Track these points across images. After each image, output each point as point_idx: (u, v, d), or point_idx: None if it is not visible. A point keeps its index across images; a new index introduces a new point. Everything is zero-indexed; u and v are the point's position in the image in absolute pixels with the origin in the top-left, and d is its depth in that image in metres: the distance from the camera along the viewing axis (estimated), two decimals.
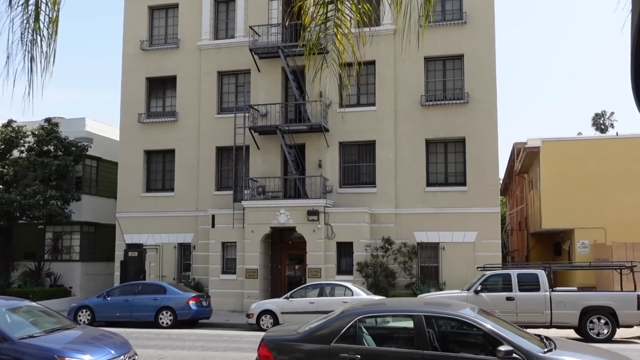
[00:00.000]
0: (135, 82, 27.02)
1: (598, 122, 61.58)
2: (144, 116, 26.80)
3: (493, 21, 23.73)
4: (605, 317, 16.05)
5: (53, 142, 26.37)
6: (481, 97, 23.39)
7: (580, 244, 24.83)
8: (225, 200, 24.91)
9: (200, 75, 26.36)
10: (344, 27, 5.37)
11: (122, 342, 9.91)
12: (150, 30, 27.44)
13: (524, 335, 7.29)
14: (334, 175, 24.40)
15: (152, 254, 25.55)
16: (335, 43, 5.45)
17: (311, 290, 19.07)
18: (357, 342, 7.23)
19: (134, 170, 26.67)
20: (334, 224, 22.92)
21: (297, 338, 7.51)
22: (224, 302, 23.54)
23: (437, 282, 22.83)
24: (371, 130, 24.22)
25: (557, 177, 25.11)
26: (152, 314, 19.52)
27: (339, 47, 5.44)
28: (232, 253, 24.19)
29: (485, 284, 17.06)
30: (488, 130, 23.23)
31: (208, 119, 26.04)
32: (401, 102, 24.12)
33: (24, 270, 27.21)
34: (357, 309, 7.75)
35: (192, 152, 26.11)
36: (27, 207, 24.56)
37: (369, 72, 24.61)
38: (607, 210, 24.15)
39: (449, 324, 7.60)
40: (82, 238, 28.56)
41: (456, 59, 24.03)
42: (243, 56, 25.56)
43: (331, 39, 5.47)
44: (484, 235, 22.73)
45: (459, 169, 23.75)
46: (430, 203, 23.48)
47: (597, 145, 26.16)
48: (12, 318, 9.59)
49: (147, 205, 26.37)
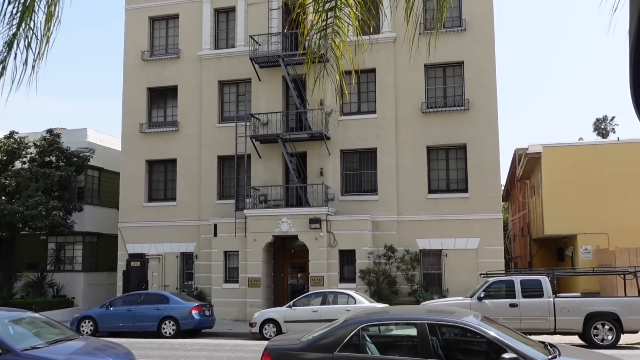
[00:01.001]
0: (136, 92, 27.10)
1: (599, 127, 61.55)
2: (145, 126, 26.87)
3: (492, 28, 23.79)
4: (610, 323, 15.98)
5: (55, 152, 26.43)
6: (481, 103, 23.42)
7: (583, 249, 24.77)
8: (227, 209, 24.91)
9: (201, 84, 26.44)
10: (342, 34, 5.39)
11: (125, 353, 9.89)
12: (151, 40, 27.55)
13: (527, 342, 7.27)
14: (336, 183, 24.41)
15: (155, 264, 25.53)
16: (333, 50, 5.47)
17: (314, 298, 19.03)
18: (361, 350, 7.21)
19: (135, 180, 26.70)
20: (336, 232, 22.90)
21: (300, 347, 7.50)
22: (227, 311, 23.49)
23: (440, 289, 22.77)
24: (372, 138, 24.24)
25: (559, 183, 25.09)
26: (155, 324, 19.48)
27: (337, 53, 5.47)
28: (235, 262, 24.17)
29: (488, 291, 17.01)
30: (489, 136, 23.24)
31: (209, 129, 26.09)
32: (402, 109, 24.15)
33: (27, 281, 27.20)
34: (360, 318, 7.74)
35: (194, 162, 26.15)
36: (29, 217, 24.58)
37: (369, 79, 24.68)
38: (609, 216, 24.09)
39: (453, 332, 7.58)
40: (84, 248, 28.56)
41: (456, 65, 24.08)
42: (243, 65, 25.63)
43: (330, 47, 5.49)
44: (487, 242, 22.69)
45: (461, 176, 23.74)
46: (432, 210, 23.46)
47: (598, 151, 26.14)
48: (14, 329, 9.58)
49: (149, 215, 26.39)
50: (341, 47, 5.45)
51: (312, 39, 5.44)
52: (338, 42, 5.43)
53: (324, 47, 5.43)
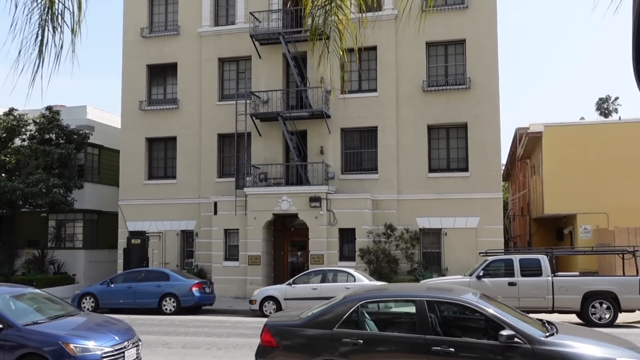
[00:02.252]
0: (136, 70, 26.95)
1: (602, 107, 61.22)
2: (145, 104, 26.77)
3: (495, 5, 23.56)
4: (607, 302, 16.09)
5: (55, 130, 26.37)
6: (483, 82, 23.29)
7: (582, 229, 24.83)
8: (227, 187, 24.94)
9: (200, 62, 26.28)
10: (344, 8, 5.33)
11: (126, 329, 9.97)
12: (150, 17, 27.31)
13: (525, 319, 7.32)
14: (336, 161, 24.38)
15: (155, 241, 25.63)
16: (336, 25, 5.40)
17: (314, 276, 19.13)
18: (360, 327, 7.26)
19: (135, 157, 26.68)
20: (336, 211, 22.94)
21: (299, 323, 7.55)
22: (227, 289, 23.64)
23: (440, 268, 22.88)
24: (373, 116, 24.16)
25: (559, 162, 25.07)
26: (156, 301, 19.62)
27: (340, 27, 5.40)
28: (235, 240, 24.26)
29: (487, 270, 17.10)
30: (490, 115, 23.16)
31: (209, 106, 26.00)
32: (403, 87, 24.03)
33: (28, 258, 27.34)
34: (359, 295, 7.78)
35: (194, 140, 26.10)
36: (30, 195, 24.61)
37: (370, 57, 24.51)
38: (609, 195, 24.13)
39: (451, 309, 7.63)
40: (85, 226, 28.65)
41: (458, 44, 23.90)
42: (244, 43, 25.45)
43: (332, 23, 5.43)
44: (486, 221, 22.74)
45: (461, 155, 23.71)
46: (432, 189, 23.47)
47: (599, 130, 26.06)
48: (16, 305, 9.65)
49: (149, 193, 26.42)
50: (344, 22, 5.39)
51: (315, 15, 5.36)
52: (341, 18, 5.36)
53: (329, 23, 5.36)
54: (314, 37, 5.40)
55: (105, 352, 8.85)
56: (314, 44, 5.45)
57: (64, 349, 8.56)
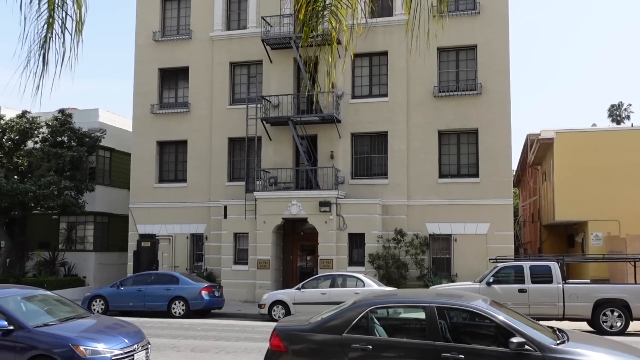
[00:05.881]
0: (148, 73, 27.11)
1: (614, 114, 60.75)
2: (157, 107, 26.91)
3: (507, 11, 23.51)
4: (619, 310, 15.95)
5: (67, 133, 26.56)
6: (494, 88, 23.22)
7: (593, 236, 24.65)
8: (237, 191, 24.99)
9: (212, 66, 26.39)
10: (339, 14, 5.35)
11: (136, 331, 10.00)
12: (162, 21, 27.48)
13: (536, 327, 7.25)
14: (346, 166, 24.38)
15: (165, 245, 25.72)
16: (332, 28, 5.42)
17: (323, 281, 19.11)
18: (369, 332, 7.23)
19: (146, 161, 26.81)
20: (345, 215, 22.92)
21: (309, 328, 7.53)
22: (236, 293, 23.67)
23: (449, 274, 22.79)
24: (383, 121, 24.14)
25: (570, 169, 24.91)
26: (165, 304, 19.67)
27: (332, 33, 5.43)
28: (244, 244, 24.29)
29: (497, 276, 17.00)
30: (501, 121, 23.07)
31: (220, 110, 26.09)
32: (413, 93, 24.00)
33: (39, 260, 27.52)
34: (369, 300, 7.75)
35: (204, 143, 26.19)
36: (41, 197, 24.78)
37: (381, 62, 24.54)
38: (621, 202, 23.94)
39: (461, 316, 7.58)
40: (95, 228, 28.80)
41: (469, 49, 23.85)
42: (255, 47, 25.54)
43: (339, 29, 5.45)
44: (497, 227, 22.63)
45: (472, 161, 23.63)
46: (442, 194, 23.40)
47: (611, 137, 25.89)
48: (27, 307, 9.71)
49: (159, 196, 26.52)
50: (337, 30, 5.43)
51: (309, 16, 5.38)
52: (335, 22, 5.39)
53: (334, 28, 5.38)
54: (306, 38, 5.43)
55: (115, 354, 8.88)
56: (319, 49, 5.48)
57: (74, 351, 8.60)
